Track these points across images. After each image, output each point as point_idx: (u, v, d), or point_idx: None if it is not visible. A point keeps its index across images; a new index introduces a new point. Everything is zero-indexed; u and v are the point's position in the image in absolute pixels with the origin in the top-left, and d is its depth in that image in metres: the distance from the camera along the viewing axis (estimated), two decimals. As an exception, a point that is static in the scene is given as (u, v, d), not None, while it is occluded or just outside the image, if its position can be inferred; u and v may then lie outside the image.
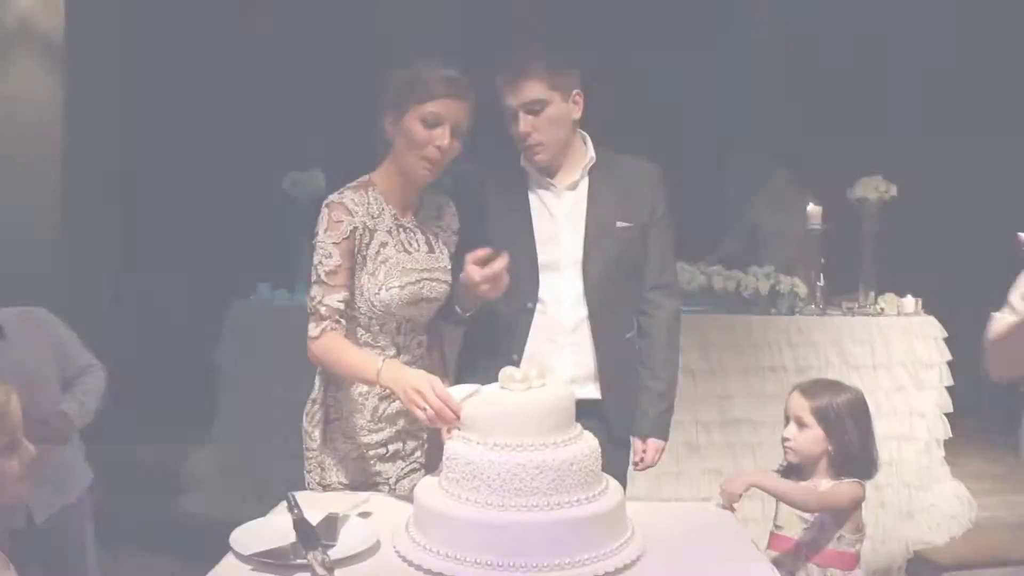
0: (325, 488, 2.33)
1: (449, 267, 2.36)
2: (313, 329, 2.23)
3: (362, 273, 2.26)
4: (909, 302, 4.77)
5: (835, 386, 2.56)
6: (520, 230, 2.50)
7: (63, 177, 5.46)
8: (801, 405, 2.51)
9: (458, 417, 1.90)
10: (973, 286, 6.69)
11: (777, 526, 2.54)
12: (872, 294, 4.83)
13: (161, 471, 4.89)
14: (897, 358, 4.62)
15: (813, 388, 2.55)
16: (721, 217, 6.68)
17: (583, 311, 2.52)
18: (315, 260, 2.24)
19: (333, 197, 2.27)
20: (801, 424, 2.50)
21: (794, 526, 2.49)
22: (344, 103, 6.23)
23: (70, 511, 2.67)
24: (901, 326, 4.67)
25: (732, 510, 2.24)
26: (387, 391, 2.23)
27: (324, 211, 2.25)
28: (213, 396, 4.87)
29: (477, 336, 2.56)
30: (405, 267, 2.28)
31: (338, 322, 2.22)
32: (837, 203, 5.40)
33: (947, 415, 4.69)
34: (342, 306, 2.23)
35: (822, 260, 4.69)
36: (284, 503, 2.02)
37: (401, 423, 2.36)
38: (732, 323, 4.43)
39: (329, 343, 2.21)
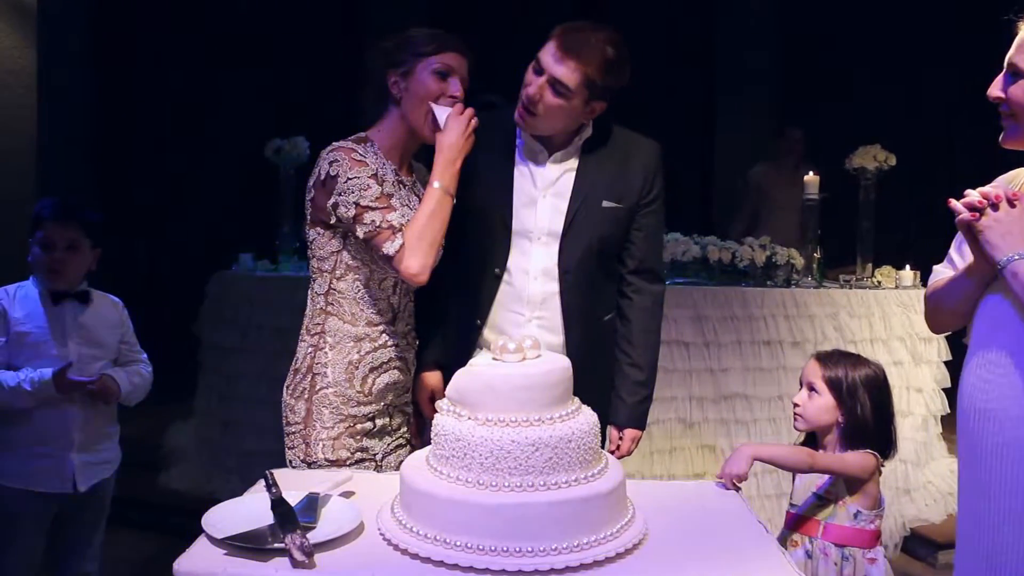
0: (309, 465, 2.24)
1: None
2: (393, 244, 2.14)
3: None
4: (907, 274, 4.68)
5: (855, 358, 2.48)
6: (498, 191, 2.39)
7: (37, 145, 5.28)
8: (815, 371, 2.44)
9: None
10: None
11: (792, 504, 2.47)
12: (870, 266, 4.74)
13: (140, 446, 4.69)
14: (895, 332, 4.53)
15: (831, 356, 2.48)
16: (716, 183, 6.58)
17: (553, 286, 2.40)
18: (351, 199, 2.15)
19: (338, 144, 2.21)
20: (812, 391, 2.43)
21: (809, 503, 2.41)
22: (327, 69, 6.05)
23: (104, 485, 2.89)
24: (899, 299, 4.57)
25: (737, 488, 2.13)
26: (377, 360, 2.24)
27: (334, 157, 2.18)
28: (193, 369, 4.74)
29: (441, 299, 2.44)
30: (408, 216, 2.23)
31: (402, 226, 2.18)
32: (834, 172, 5.33)
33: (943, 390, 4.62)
34: (405, 220, 2.19)
35: (819, 231, 4.59)
36: (262, 482, 1.89)
37: (390, 397, 2.29)
38: (727, 295, 4.31)
39: (408, 233, 2.15)
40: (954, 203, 1.82)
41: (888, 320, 4.53)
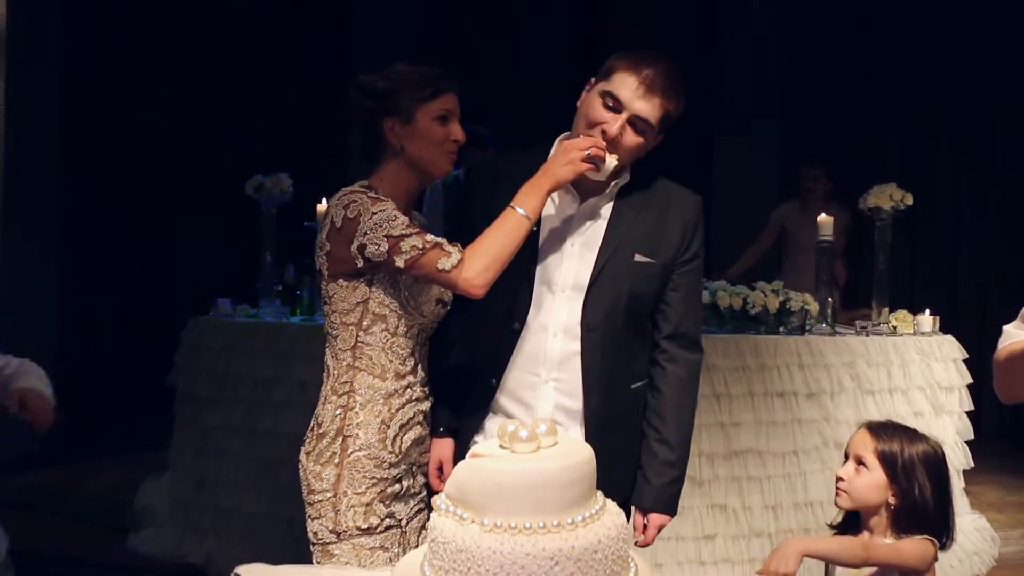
0: (339, 536, 2.11)
1: None
2: (447, 259, 2.05)
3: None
4: (926, 320, 4.44)
5: (911, 432, 2.25)
6: None
7: (3, 185, 5.01)
8: (866, 443, 2.21)
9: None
10: (983, 301, 6.55)
11: None
12: (886, 311, 4.49)
13: (107, 505, 4.50)
14: (915, 382, 4.29)
15: (884, 428, 2.25)
16: (715, 220, 6.34)
17: (574, 345, 2.20)
18: (381, 233, 2.04)
19: (349, 189, 2.13)
20: (861, 464, 2.19)
21: None
22: (313, 103, 5.81)
23: None
24: (919, 346, 4.33)
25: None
26: (406, 416, 2.16)
27: (350, 200, 2.09)
28: (168, 422, 4.44)
29: (456, 353, 2.31)
30: None
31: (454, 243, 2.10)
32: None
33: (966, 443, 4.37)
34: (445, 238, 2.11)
35: (835, 275, 4.36)
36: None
37: (414, 455, 2.22)
38: (738, 344, 4.06)
39: (472, 247, 2.07)
40: None
41: (907, 369, 4.29)
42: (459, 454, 2.21)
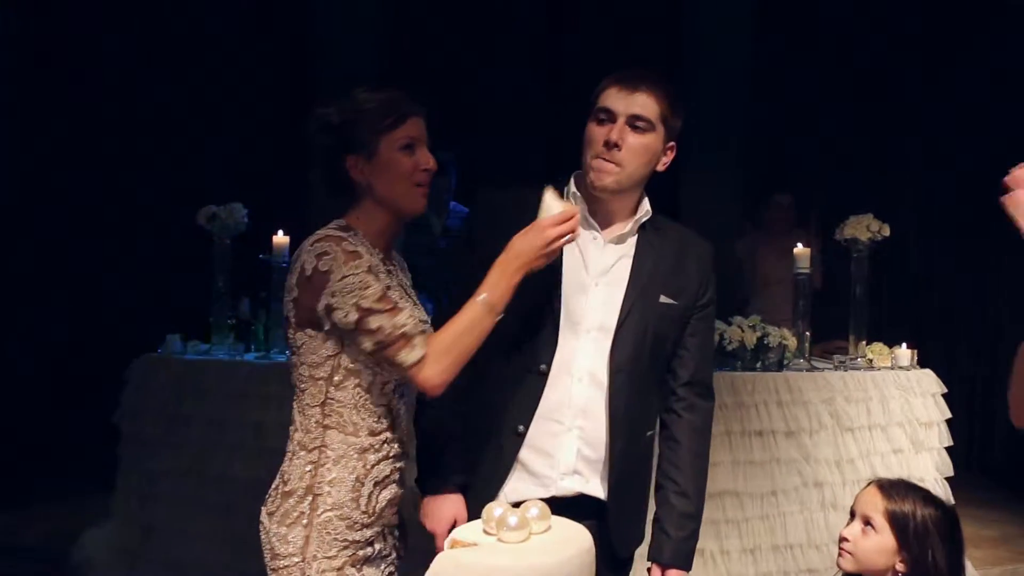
0: None
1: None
2: (410, 353, 1.86)
3: None
4: (904, 354, 4.34)
5: (923, 493, 2.09)
6: (544, 274, 2.03)
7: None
8: (874, 503, 2.05)
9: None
10: (959, 333, 6.52)
11: None
12: (863, 344, 4.38)
13: (43, 557, 4.21)
14: (894, 417, 4.19)
15: (895, 487, 2.08)
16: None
17: (599, 391, 2.12)
18: (350, 300, 1.86)
19: (324, 233, 1.93)
20: (869, 525, 2.04)
21: None
22: (269, 131, 5.59)
23: None
24: (897, 381, 4.23)
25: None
26: (381, 474, 1.97)
27: (323, 249, 1.89)
28: (112, 466, 4.16)
29: (477, 399, 2.16)
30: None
31: (423, 331, 1.92)
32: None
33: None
34: (416, 319, 1.92)
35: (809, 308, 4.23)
36: None
37: (387, 515, 2.03)
38: (715, 381, 3.81)
39: (434, 343, 1.89)
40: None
41: (887, 404, 4.19)
42: (472, 512, 2.08)
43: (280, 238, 4.06)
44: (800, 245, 4.26)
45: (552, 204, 1.93)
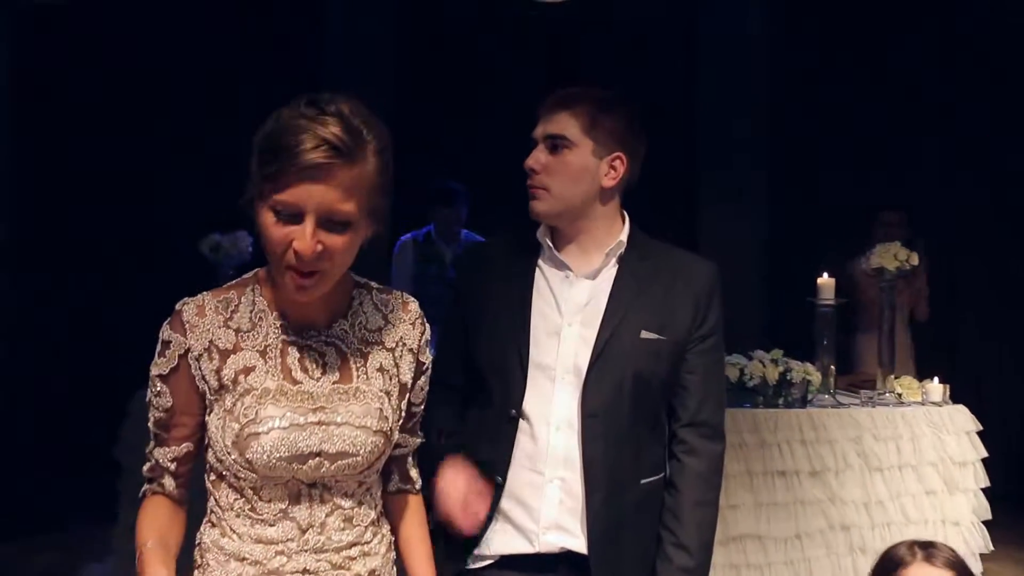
0: None
1: (382, 405, 1.59)
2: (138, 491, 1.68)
3: (217, 408, 1.58)
4: (936, 388, 4.13)
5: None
6: (513, 317, 2.03)
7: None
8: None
9: None
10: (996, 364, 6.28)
11: None
12: (892, 378, 4.19)
13: None
14: (926, 457, 3.97)
15: (941, 553, 1.92)
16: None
17: (575, 439, 1.99)
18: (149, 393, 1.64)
19: (181, 303, 1.61)
20: None
21: None
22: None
23: None
24: (928, 418, 4.02)
25: None
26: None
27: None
28: (112, 501, 4.06)
29: (462, 445, 2.07)
30: (282, 402, 1.54)
31: (161, 484, 1.66)
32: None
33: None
34: (173, 465, 1.64)
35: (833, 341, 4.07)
36: None
37: None
38: (735, 418, 3.72)
39: (141, 515, 1.64)
40: None
41: (918, 443, 3.97)
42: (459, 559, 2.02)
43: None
44: (826, 275, 4.08)
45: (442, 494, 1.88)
